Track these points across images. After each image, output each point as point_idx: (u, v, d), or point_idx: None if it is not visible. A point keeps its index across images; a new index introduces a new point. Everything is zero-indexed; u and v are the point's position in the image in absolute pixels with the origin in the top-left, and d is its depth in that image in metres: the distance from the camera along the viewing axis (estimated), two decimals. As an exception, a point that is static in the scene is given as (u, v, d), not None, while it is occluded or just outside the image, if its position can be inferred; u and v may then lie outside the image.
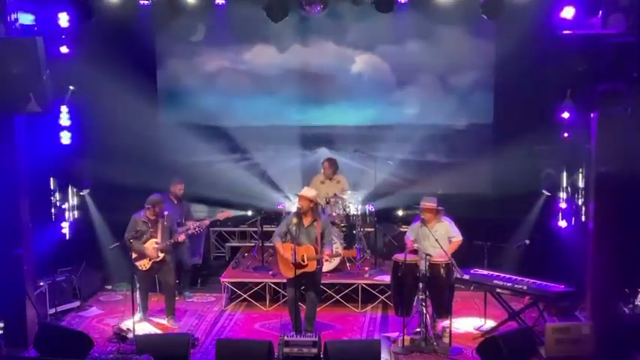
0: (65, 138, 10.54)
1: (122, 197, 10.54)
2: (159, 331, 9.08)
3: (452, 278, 8.64)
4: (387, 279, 9.51)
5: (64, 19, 9.21)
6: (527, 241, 10.12)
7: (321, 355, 7.80)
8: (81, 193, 10.86)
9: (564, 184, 10.44)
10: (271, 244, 9.58)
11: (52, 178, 10.43)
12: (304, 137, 12.11)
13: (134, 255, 9.28)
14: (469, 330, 9.14)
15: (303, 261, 8.57)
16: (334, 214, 10.56)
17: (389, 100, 11.95)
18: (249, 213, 11.64)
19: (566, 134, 10.20)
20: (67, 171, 10.68)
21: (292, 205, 10.94)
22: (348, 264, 10.30)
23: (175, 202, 10.32)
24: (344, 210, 10.67)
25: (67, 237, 10.69)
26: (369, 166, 11.07)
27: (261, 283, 10.02)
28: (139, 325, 8.96)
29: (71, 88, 10.45)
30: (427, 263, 8.55)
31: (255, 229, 11.52)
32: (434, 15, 10.82)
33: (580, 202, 9.91)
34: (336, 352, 7.71)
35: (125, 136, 11.10)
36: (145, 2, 9.38)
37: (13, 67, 7.81)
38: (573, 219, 10.18)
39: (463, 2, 9.72)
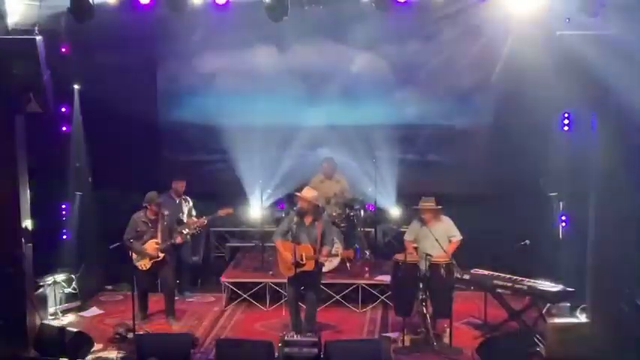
0: (65, 137, 10.54)
1: (122, 197, 10.55)
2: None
3: (452, 278, 8.64)
4: (387, 279, 9.52)
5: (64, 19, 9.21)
6: (527, 241, 10.11)
7: (321, 355, 7.80)
8: (78, 193, 10.84)
9: (564, 184, 10.42)
10: (272, 244, 9.58)
11: (51, 178, 10.42)
12: (304, 137, 12.09)
13: (134, 255, 9.28)
14: (469, 330, 9.14)
15: (302, 260, 8.58)
16: (334, 214, 10.56)
17: (389, 100, 11.93)
18: (255, 214, 11.53)
19: (565, 134, 10.21)
20: (66, 170, 10.67)
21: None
22: (348, 264, 10.30)
23: (176, 200, 10.34)
24: (344, 210, 10.67)
25: (67, 237, 10.69)
26: (369, 165, 11.08)
27: (261, 283, 10.02)
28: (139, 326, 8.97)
29: (75, 87, 10.47)
30: (427, 263, 8.56)
31: (255, 229, 11.51)
32: (434, 14, 10.81)
33: (580, 201, 9.90)
34: (336, 352, 7.70)
35: (125, 136, 11.10)
36: (146, 2, 9.36)
37: (13, 67, 7.82)
38: (573, 219, 10.17)
39: (463, 2, 9.71)
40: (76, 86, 10.56)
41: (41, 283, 9.38)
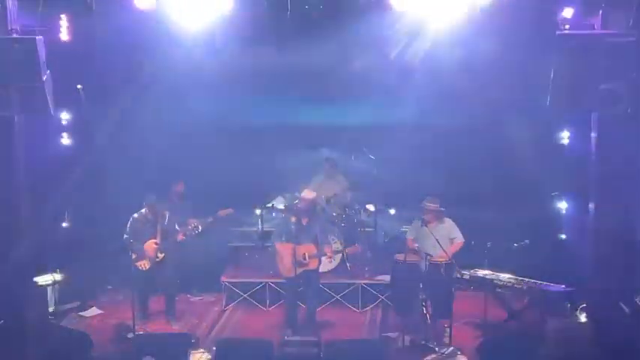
0: (65, 138, 10.55)
1: (122, 197, 10.54)
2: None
3: (452, 278, 8.65)
4: (387, 279, 9.52)
5: (64, 19, 9.21)
6: (527, 241, 10.12)
7: (321, 355, 7.80)
8: (77, 193, 10.83)
9: (564, 184, 10.43)
10: (271, 244, 9.58)
11: (52, 178, 10.42)
12: (304, 137, 12.09)
13: (134, 255, 9.28)
14: (469, 330, 9.14)
15: (305, 259, 8.59)
16: (334, 213, 10.56)
17: (389, 100, 11.92)
18: (258, 211, 11.50)
19: (565, 134, 10.22)
20: (67, 170, 10.67)
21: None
22: (348, 264, 10.29)
23: (176, 200, 10.35)
24: (344, 209, 10.67)
25: (67, 237, 10.68)
26: (369, 165, 11.08)
27: (261, 283, 10.02)
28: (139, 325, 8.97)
29: (79, 87, 10.47)
30: (427, 263, 8.56)
31: (255, 229, 11.51)
32: (433, 14, 10.79)
33: (580, 201, 9.90)
34: (336, 352, 7.70)
35: (125, 136, 11.09)
36: (143, 6, 9.37)
37: (13, 67, 7.82)
38: (573, 219, 10.17)
39: (463, 1, 9.70)
40: (79, 86, 10.56)
41: (41, 283, 9.37)
